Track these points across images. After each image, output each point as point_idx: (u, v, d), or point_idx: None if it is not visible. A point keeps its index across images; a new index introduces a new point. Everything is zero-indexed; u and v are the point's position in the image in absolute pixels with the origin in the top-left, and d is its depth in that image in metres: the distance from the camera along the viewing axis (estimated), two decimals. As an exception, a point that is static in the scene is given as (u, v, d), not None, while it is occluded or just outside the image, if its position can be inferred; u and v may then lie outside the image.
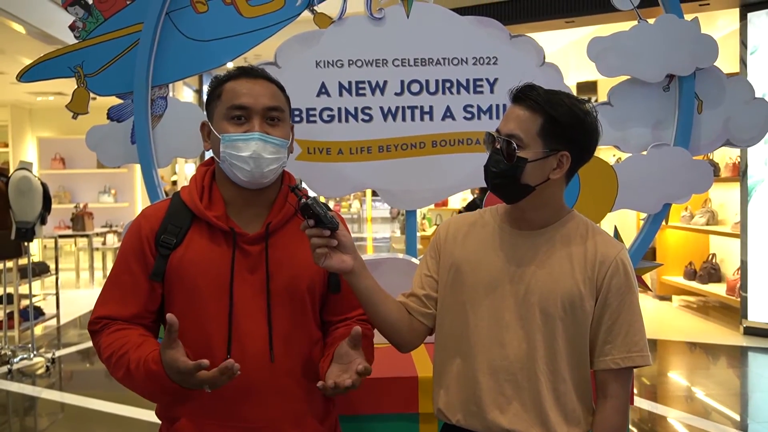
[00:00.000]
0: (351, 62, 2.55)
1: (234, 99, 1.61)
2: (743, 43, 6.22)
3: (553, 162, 1.55)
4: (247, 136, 1.59)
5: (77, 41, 2.51)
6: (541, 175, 1.55)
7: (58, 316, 7.21)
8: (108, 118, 2.56)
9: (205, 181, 1.68)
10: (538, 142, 1.53)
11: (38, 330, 6.94)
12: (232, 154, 1.59)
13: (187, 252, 1.61)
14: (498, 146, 1.57)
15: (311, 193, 1.83)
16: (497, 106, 2.57)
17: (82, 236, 10.26)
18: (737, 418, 4.50)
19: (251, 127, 1.60)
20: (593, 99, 8.39)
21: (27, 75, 2.52)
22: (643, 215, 2.69)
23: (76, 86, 2.52)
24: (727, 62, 6.10)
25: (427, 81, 2.56)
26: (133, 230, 1.65)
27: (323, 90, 2.55)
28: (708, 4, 5.78)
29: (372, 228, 19.91)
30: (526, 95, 1.55)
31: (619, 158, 5.75)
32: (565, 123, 1.53)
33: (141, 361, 1.50)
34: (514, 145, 1.53)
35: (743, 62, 6.22)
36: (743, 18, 6.22)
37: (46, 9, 6.50)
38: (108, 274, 1.69)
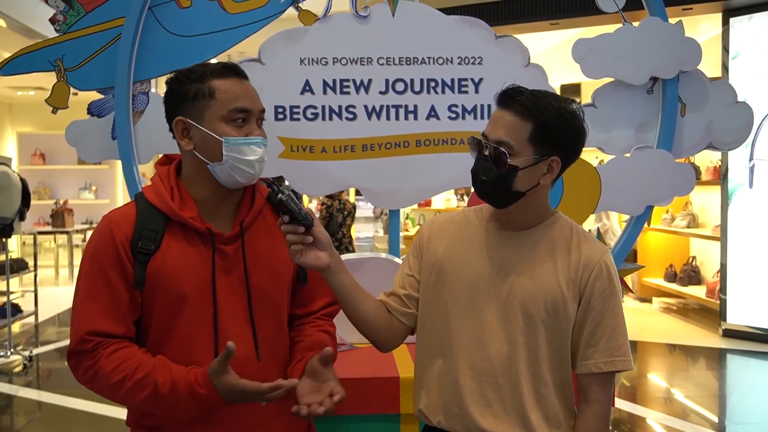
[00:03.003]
0: (336, 60, 2.54)
1: (235, 101, 1.56)
2: (725, 48, 6.27)
3: (543, 167, 1.54)
4: (251, 141, 1.56)
5: (58, 35, 2.48)
6: (531, 180, 1.54)
7: (36, 313, 7.11)
8: (89, 113, 2.53)
9: (171, 181, 1.62)
10: (529, 148, 1.51)
11: (16, 327, 6.85)
12: (237, 158, 1.55)
13: (166, 257, 1.55)
14: (486, 153, 1.54)
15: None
16: (482, 106, 2.56)
17: (61, 233, 10.15)
18: (715, 419, 4.53)
19: (251, 130, 1.57)
20: (577, 101, 8.44)
21: (6, 68, 2.48)
22: (626, 217, 2.70)
23: (56, 80, 2.49)
24: (709, 67, 6.15)
25: (411, 80, 2.55)
26: (105, 238, 1.54)
27: (307, 87, 2.53)
28: (691, 8, 5.82)
29: (355, 227, 19.88)
30: (513, 99, 1.52)
31: (602, 160, 5.77)
32: (555, 128, 1.51)
33: (180, 384, 1.47)
34: (506, 153, 1.50)
35: (725, 67, 6.27)
36: (725, 23, 6.27)
37: (26, 2, 6.41)
38: (77, 281, 1.59)
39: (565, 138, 1.53)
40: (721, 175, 6.47)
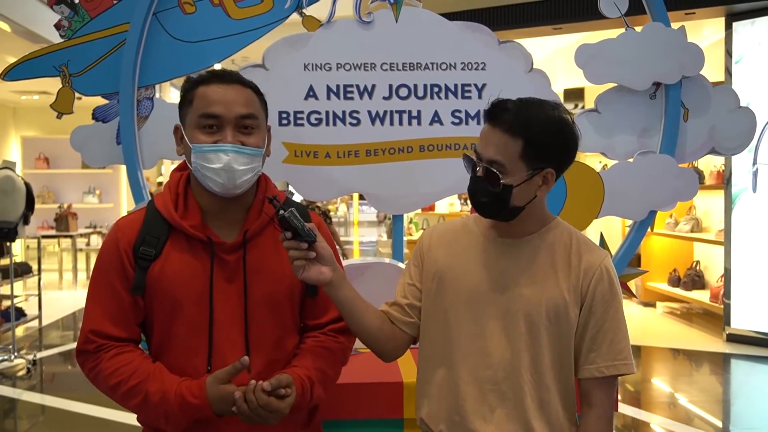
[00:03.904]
0: (339, 66, 2.54)
1: (206, 107, 1.55)
2: (728, 53, 6.27)
3: (538, 180, 1.53)
4: (217, 148, 1.54)
5: (63, 40, 2.49)
6: (528, 195, 1.54)
7: (40, 317, 7.13)
8: (93, 118, 2.54)
9: (179, 189, 1.62)
10: (521, 165, 1.50)
11: (19, 331, 6.86)
12: (204, 165, 1.54)
13: (166, 264, 1.57)
14: (480, 173, 1.52)
15: (297, 197, 1.80)
16: (485, 111, 2.56)
17: (65, 237, 10.16)
18: (719, 424, 4.52)
19: (223, 137, 1.54)
20: (580, 106, 8.43)
21: (11, 73, 2.49)
22: (629, 222, 2.70)
23: (61, 85, 2.50)
24: (712, 71, 6.14)
25: (415, 85, 2.56)
26: (110, 244, 1.60)
27: (311, 93, 2.54)
28: (694, 13, 5.82)
29: (359, 232, 19.89)
30: (499, 117, 1.50)
31: (605, 165, 5.77)
32: (545, 143, 1.49)
33: (171, 394, 1.49)
34: (497, 173, 1.49)
35: (728, 71, 6.27)
36: (728, 27, 6.27)
37: (31, 7, 6.44)
38: (87, 287, 1.64)
39: (555, 150, 1.52)
40: (724, 180, 6.46)
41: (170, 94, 10.72)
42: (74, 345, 1.63)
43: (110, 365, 1.53)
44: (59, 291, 9.62)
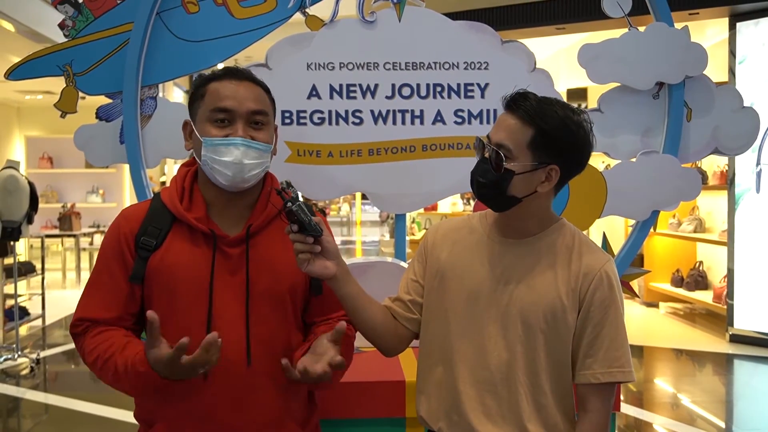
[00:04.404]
0: (342, 65, 2.54)
1: (217, 101, 1.59)
2: (732, 53, 6.27)
3: (542, 175, 1.53)
4: (229, 141, 1.57)
5: (66, 40, 2.50)
6: (528, 187, 1.53)
7: (43, 316, 7.15)
8: (97, 117, 2.54)
9: (185, 182, 1.66)
10: (528, 154, 1.50)
11: (23, 330, 6.87)
12: (214, 158, 1.57)
13: (167, 254, 1.59)
14: (486, 155, 1.54)
15: (300, 194, 1.81)
16: (488, 110, 2.57)
17: (69, 236, 10.18)
18: (722, 425, 4.52)
19: (234, 131, 1.58)
20: (583, 105, 8.43)
21: (15, 73, 2.50)
22: (632, 222, 2.70)
23: (65, 85, 2.50)
24: (715, 71, 6.14)
25: (418, 85, 2.56)
26: (113, 231, 1.64)
27: (314, 92, 2.54)
28: (698, 13, 5.82)
29: (361, 231, 19.89)
30: (518, 104, 1.52)
31: (608, 165, 5.77)
32: (556, 137, 1.49)
33: (128, 365, 1.49)
34: (503, 155, 1.50)
35: (732, 71, 6.26)
36: (732, 27, 6.27)
37: (35, 7, 6.45)
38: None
39: (566, 147, 1.52)
40: (728, 180, 6.45)
41: (173, 93, 10.74)
42: (75, 346, 1.66)
43: (92, 342, 1.57)
44: (63, 290, 9.64)
